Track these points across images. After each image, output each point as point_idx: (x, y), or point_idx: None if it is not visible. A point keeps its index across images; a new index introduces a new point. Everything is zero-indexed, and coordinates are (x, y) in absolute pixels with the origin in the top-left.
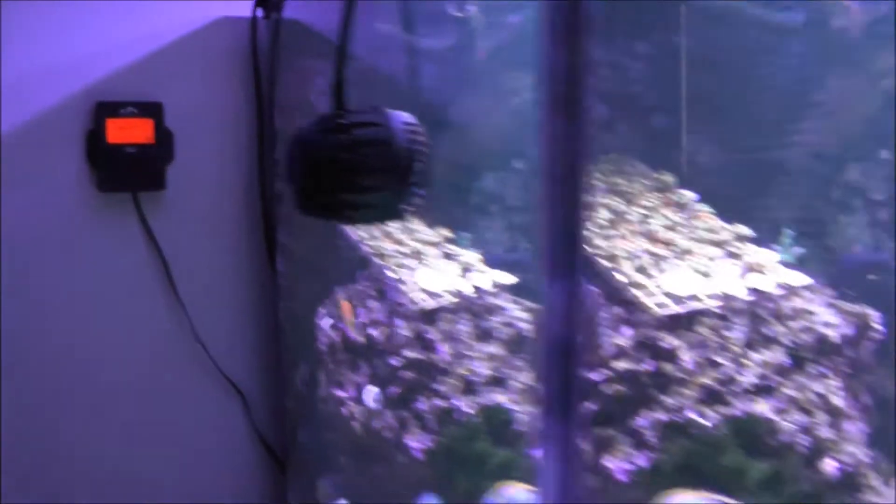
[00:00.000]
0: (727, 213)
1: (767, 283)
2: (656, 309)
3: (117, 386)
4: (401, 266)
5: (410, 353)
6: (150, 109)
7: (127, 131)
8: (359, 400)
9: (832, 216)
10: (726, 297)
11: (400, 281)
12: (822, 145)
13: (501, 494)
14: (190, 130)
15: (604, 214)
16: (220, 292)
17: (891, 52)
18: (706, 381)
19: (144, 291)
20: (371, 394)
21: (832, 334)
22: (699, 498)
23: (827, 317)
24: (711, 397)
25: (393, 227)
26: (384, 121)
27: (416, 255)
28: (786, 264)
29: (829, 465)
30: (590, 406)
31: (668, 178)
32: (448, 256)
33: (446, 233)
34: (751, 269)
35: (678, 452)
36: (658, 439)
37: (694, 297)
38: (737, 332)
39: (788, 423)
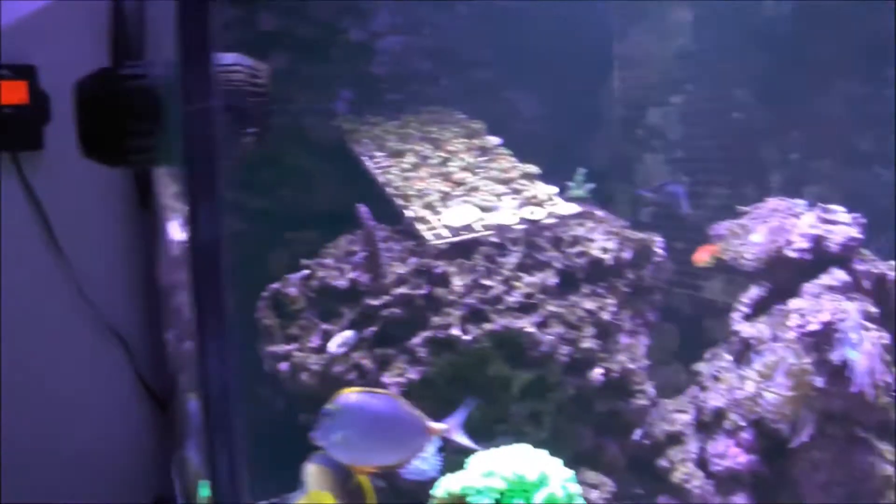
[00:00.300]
0: (539, 155)
1: (541, 214)
2: (433, 240)
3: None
4: (430, 205)
5: (402, 290)
6: (24, 72)
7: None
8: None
9: (638, 155)
10: (500, 228)
11: (418, 219)
12: (627, 93)
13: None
14: (67, 92)
15: (410, 159)
16: (102, 244)
17: (681, 7)
18: (472, 301)
19: (26, 246)
20: (339, 339)
21: (606, 258)
22: (365, 393)
23: (604, 243)
24: (476, 316)
25: (455, 164)
26: (156, 71)
27: (472, 190)
28: (579, 198)
29: (595, 373)
30: (371, 329)
31: (478, 125)
32: (517, 192)
33: (529, 168)
34: (528, 202)
35: (446, 366)
36: (428, 355)
37: (469, 229)
38: (511, 258)
39: (549, 337)
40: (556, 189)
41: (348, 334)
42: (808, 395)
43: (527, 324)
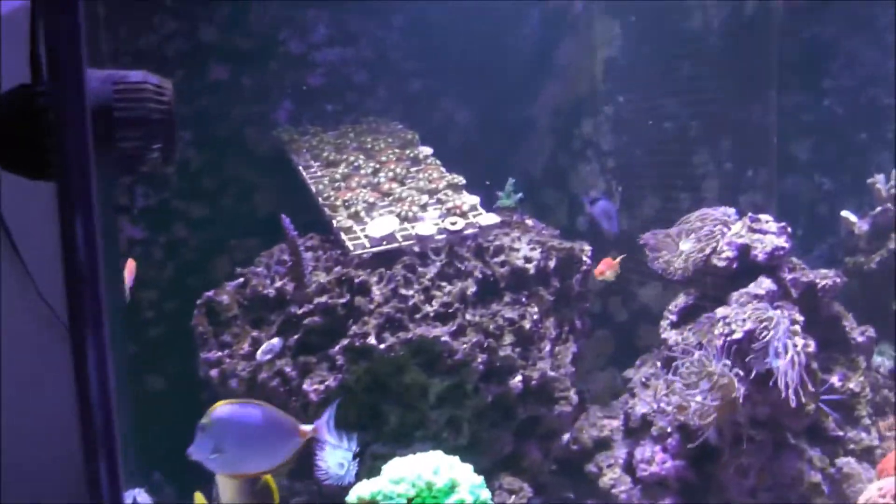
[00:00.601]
0: (473, 164)
1: (461, 225)
2: (354, 250)
3: None
4: (356, 215)
5: (324, 299)
6: None
7: None
8: (251, 356)
9: (572, 164)
10: (421, 238)
11: (343, 229)
12: (561, 103)
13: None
14: None
15: (342, 169)
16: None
17: (606, 22)
18: (388, 310)
19: None
20: (265, 347)
21: (529, 267)
22: (237, 404)
23: (528, 252)
24: (393, 325)
25: (384, 174)
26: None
27: (398, 201)
28: (508, 207)
29: (514, 381)
30: (294, 337)
31: (411, 135)
32: (441, 202)
33: (455, 178)
34: (450, 213)
35: (363, 374)
36: (346, 363)
37: (391, 239)
38: (431, 268)
39: (465, 345)
40: (477, 199)
41: (274, 342)
42: (732, 402)
43: (442, 332)
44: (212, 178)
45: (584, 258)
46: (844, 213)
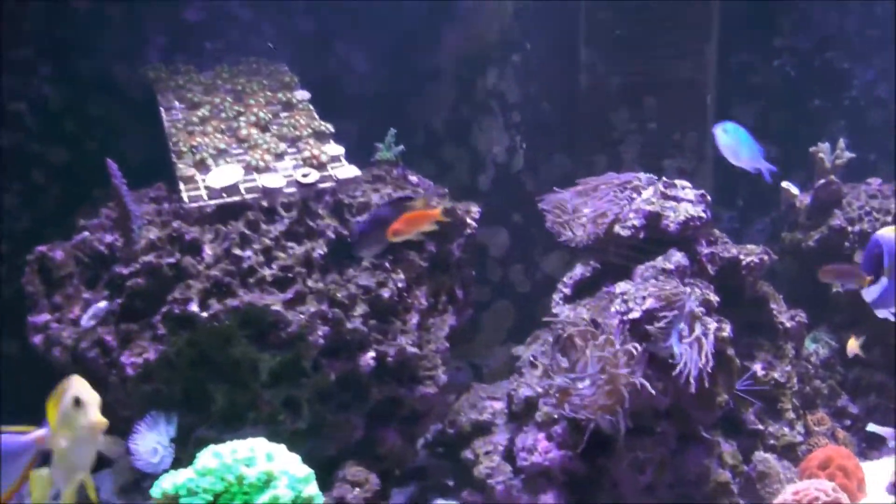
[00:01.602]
0: (368, 114)
1: (315, 177)
2: (190, 202)
3: None
4: (202, 163)
5: (150, 258)
6: None
7: None
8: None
9: (475, 118)
10: (267, 191)
11: (184, 178)
12: (465, 50)
13: None
14: None
15: (202, 112)
16: None
17: None
18: (216, 272)
19: None
20: (90, 310)
21: None
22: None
23: None
24: (220, 290)
25: (246, 119)
26: None
27: (253, 148)
28: (387, 161)
29: (366, 358)
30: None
31: (289, 78)
32: (300, 151)
33: (322, 126)
34: (306, 163)
35: (186, 346)
36: (167, 332)
37: (234, 190)
38: (277, 226)
39: (301, 315)
40: (341, 150)
41: (101, 305)
42: (625, 388)
43: (275, 300)
44: (74, 120)
45: (469, 220)
46: (785, 185)
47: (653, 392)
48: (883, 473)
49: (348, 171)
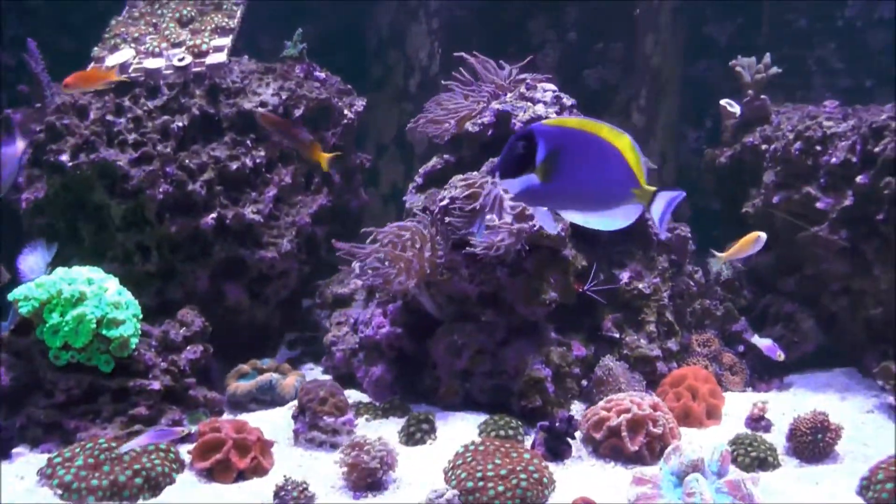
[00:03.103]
0: (300, 23)
1: (187, 61)
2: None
3: None
4: (115, 46)
5: (53, 119)
6: None
7: None
8: None
9: (408, 25)
10: (149, 72)
11: (94, 59)
12: None
13: None
14: None
15: (146, 8)
16: None
17: None
18: (87, 132)
19: None
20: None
21: (259, 111)
22: None
23: (269, 98)
24: (89, 146)
25: (172, 14)
26: None
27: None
28: (292, 57)
29: (207, 218)
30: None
31: None
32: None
33: (224, 22)
34: (189, 50)
35: (61, 189)
36: (46, 176)
37: (123, 69)
38: (154, 101)
39: (142, 172)
40: (226, 42)
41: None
42: (411, 268)
43: (123, 158)
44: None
45: (347, 112)
46: (724, 102)
47: (479, 282)
48: (750, 406)
49: (216, 58)
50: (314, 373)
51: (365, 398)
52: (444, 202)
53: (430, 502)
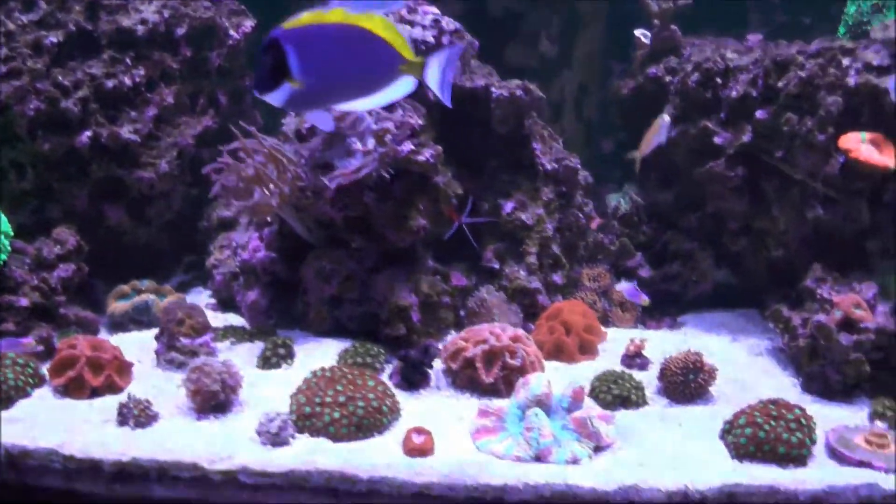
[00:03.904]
0: None
1: None
2: None
3: None
4: None
5: None
6: None
7: None
8: None
9: None
10: None
11: None
12: None
13: None
14: None
15: None
16: None
17: None
18: None
19: None
20: None
21: (139, 29)
22: None
23: (149, 15)
24: None
25: None
26: None
27: None
28: None
29: (83, 136)
30: None
31: None
32: None
33: None
34: None
35: None
36: None
37: None
38: (32, 15)
39: (10, 88)
40: None
41: None
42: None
43: None
44: None
45: (232, 33)
46: (638, 32)
47: (343, 206)
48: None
49: None
50: (202, 297)
51: (243, 322)
52: (307, 125)
53: (260, 426)
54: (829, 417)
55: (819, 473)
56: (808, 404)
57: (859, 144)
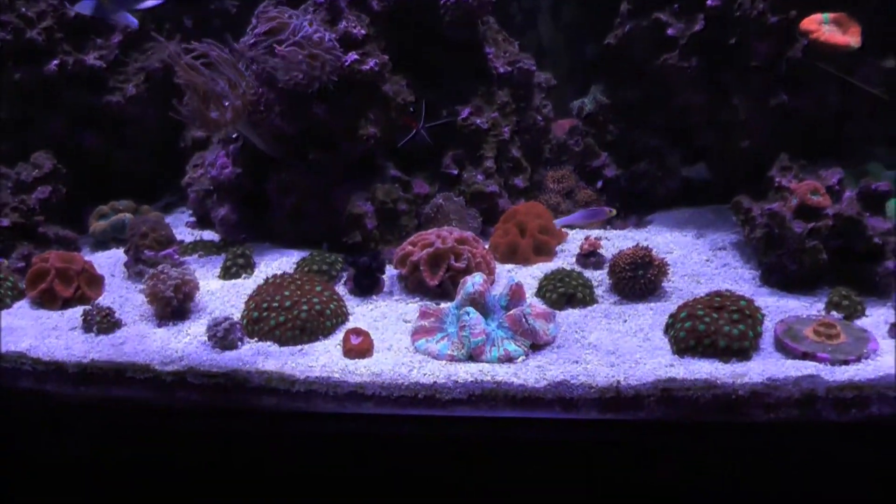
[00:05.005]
0: None
1: None
2: None
3: None
4: None
5: None
6: None
7: None
8: None
9: None
10: None
11: None
12: None
13: None
14: None
15: None
16: None
17: None
18: None
19: None
20: None
21: None
22: None
23: None
24: None
25: None
26: None
27: None
28: None
29: (51, 64)
30: None
31: None
32: None
33: None
34: None
35: None
36: None
37: None
38: None
39: None
40: None
41: None
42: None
43: None
44: None
45: None
46: None
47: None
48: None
49: None
50: (184, 216)
51: (217, 238)
52: (251, 39)
53: (209, 329)
54: (785, 309)
55: (761, 366)
56: (766, 296)
57: (820, 26)
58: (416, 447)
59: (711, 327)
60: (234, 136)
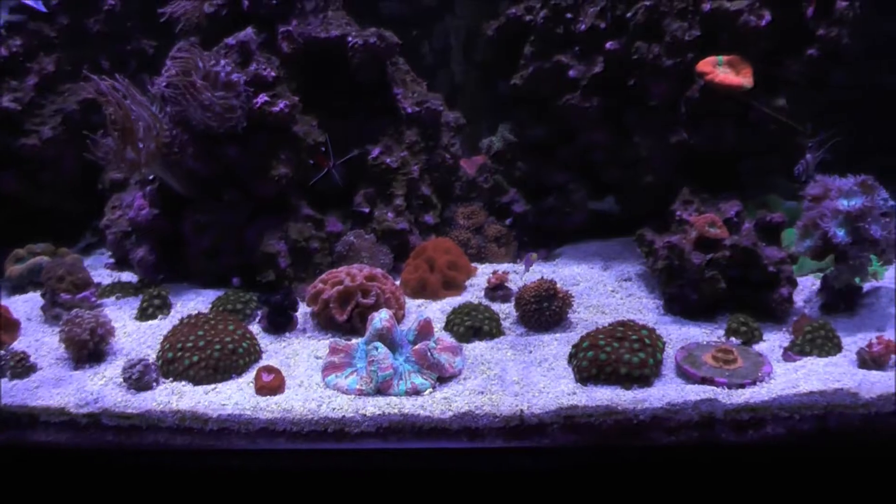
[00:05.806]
0: None
1: None
2: None
3: None
4: None
5: None
6: None
7: None
8: None
9: None
10: None
11: None
12: None
13: None
14: None
15: None
16: None
17: None
18: None
19: None
20: None
21: None
22: None
23: None
24: None
25: None
26: None
27: None
28: None
29: None
30: None
31: None
32: None
33: None
34: None
35: None
36: None
37: None
38: None
39: None
40: None
41: None
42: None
43: None
44: None
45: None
46: None
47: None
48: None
49: None
50: (104, 258)
51: (136, 279)
52: (164, 80)
53: (124, 371)
54: (687, 336)
55: (661, 392)
56: (668, 324)
57: (715, 68)
58: (328, 481)
59: (612, 356)
60: (150, 177)
